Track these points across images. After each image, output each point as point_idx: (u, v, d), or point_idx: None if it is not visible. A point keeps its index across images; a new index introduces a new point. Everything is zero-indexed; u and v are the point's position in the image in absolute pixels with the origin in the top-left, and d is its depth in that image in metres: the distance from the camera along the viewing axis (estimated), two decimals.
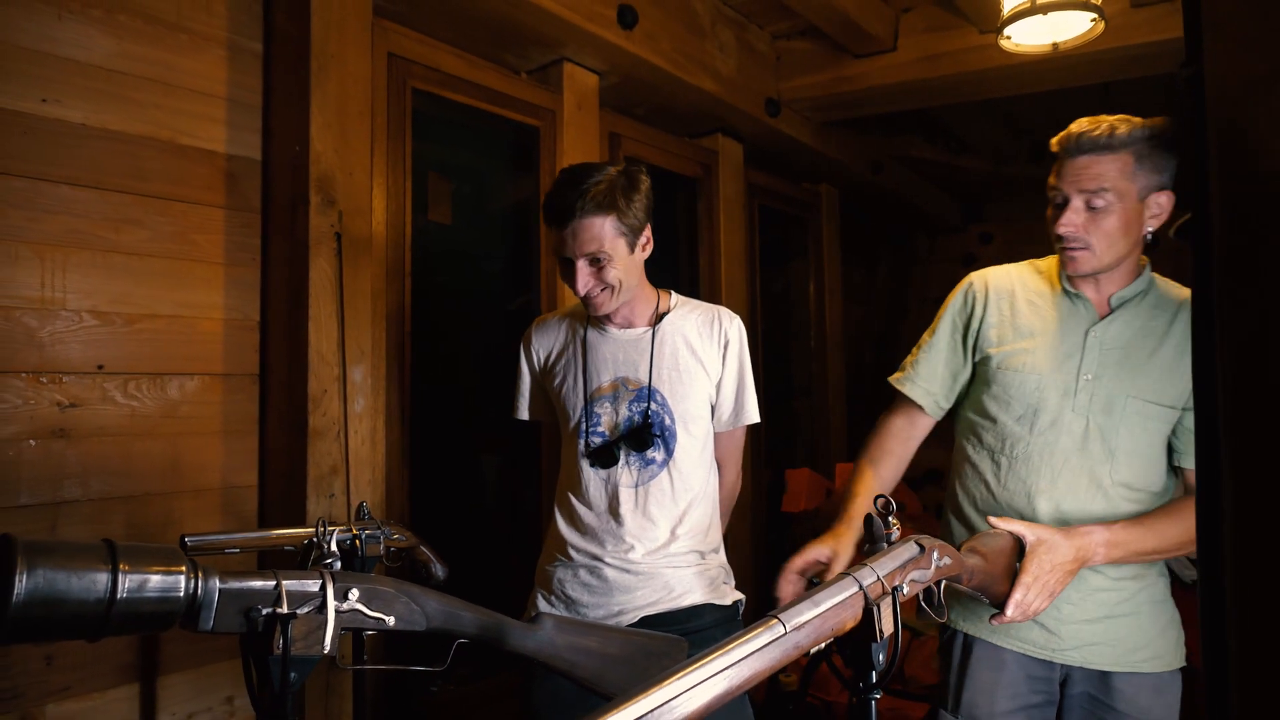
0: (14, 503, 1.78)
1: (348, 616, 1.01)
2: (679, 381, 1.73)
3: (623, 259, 1.65)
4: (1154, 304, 1.55)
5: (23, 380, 1.81)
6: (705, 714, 0.73)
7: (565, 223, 1.61)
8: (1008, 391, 1.57)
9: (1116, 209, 1.43)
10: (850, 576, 1.00)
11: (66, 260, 1.87)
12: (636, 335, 1.76)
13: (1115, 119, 1.44)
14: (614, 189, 1.61)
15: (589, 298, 1.67)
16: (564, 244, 1.64)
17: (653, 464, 1.72)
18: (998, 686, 1.54)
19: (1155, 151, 1.43)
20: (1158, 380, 1.51)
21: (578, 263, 1.63)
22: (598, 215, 1.59)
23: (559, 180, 1.66)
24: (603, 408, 1.74)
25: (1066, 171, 1.45)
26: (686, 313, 1.79)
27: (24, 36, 1.81)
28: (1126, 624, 1.53)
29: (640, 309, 1.76)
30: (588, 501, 1.74)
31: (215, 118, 2.13)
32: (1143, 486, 1.53)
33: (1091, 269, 1.50)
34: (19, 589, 0.75)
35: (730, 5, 3.27)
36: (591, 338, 1.78)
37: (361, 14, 2.22)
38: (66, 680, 1.84)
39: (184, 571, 0.87)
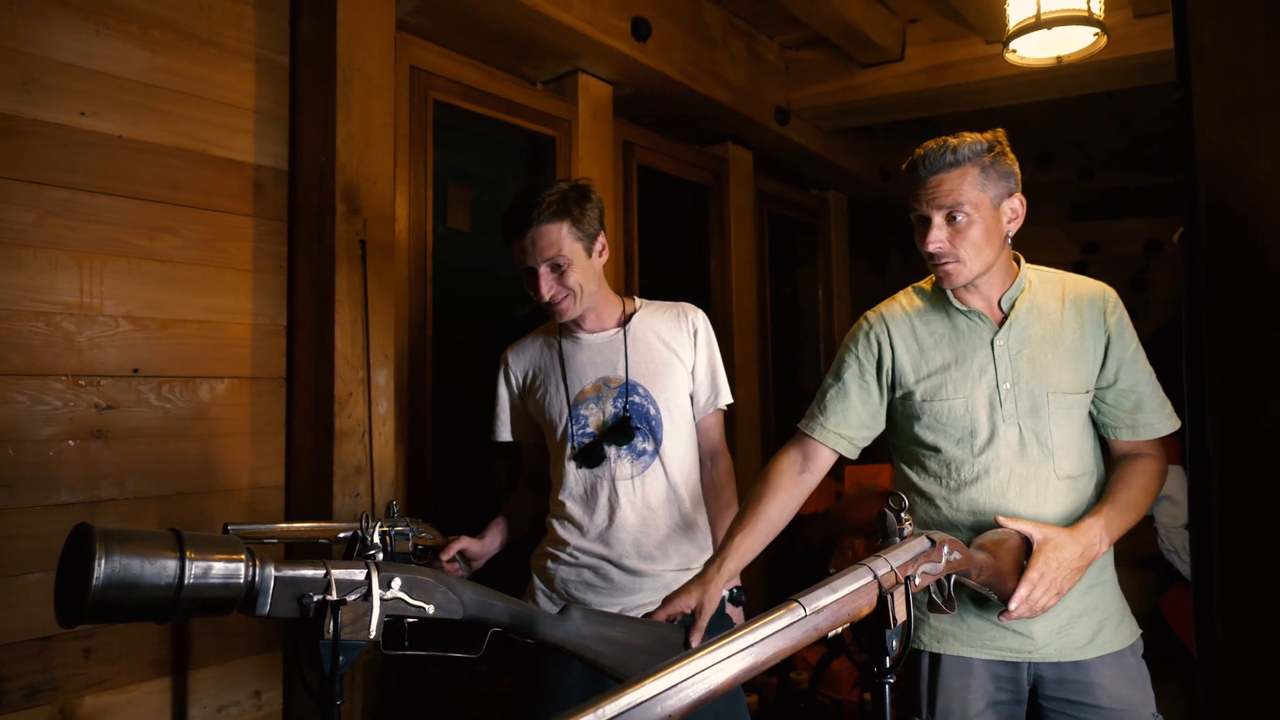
0: (55, 500, 1.85)
1: (391, 604, 1.07)
2: (658, 373, 1.80)
3: (581, 263, 1.73)
4: (1040, 296, 1.62)
5: (62, 383, 1.87)
6: (732, 686, 0.79)
7: (523, 232, 1.70)
8: (940, 420, 1.61)
9: (976, 219, 1.51)
10: (866, 566, 1.05)
11: (103, 267, 1.94)
12: (610, 336, 1.83)
13: (953, 138, 1.52)
14: (566, 199, 1.71)
15: (553, 303, 1.74)
16: (525, 253, 1.72)
17: (644, 454, 1.79)
18: (969, 690, 1.58)
19: (996, 161, 1.52)
20: (1068, 369, 1.57)
21: (539, 269, 1.71)
22: (553, 222, 1.69)
23: (514, 199, 1.76)
24: (588, 409, 1.80)
25: (921, 193, 1.53)
26: (652, 311, 1.88)
27: (63, 52, 1.89)
28: (1087, 602, 1.57)
29: (607, 312, 1.85)
30: (587, 504, 1.79)
31: (244, 129, 2.20)
32: (1081, 472, 1.58)
33: (966, 279, 1.56)
34: (98, 573, 0.81)
35: (741, 17, 3.34)
36: (567, 347, 1.85)
37: (385, 28, 2.29)
38: (103, 673, 1.90)
39: (243, 559, 0.93)
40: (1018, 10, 1.94)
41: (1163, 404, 1.59)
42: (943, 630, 1.61)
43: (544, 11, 2.49)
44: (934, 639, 1.62)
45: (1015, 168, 1.56)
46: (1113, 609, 1.60)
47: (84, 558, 0.82)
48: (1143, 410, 1.58)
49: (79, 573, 0.82)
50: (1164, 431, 1.59)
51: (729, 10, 3.28)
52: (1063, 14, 1.84)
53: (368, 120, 2.23)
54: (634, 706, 0.70)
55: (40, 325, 1.84)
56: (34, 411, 1.83)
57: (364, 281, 2.20)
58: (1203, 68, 0.69)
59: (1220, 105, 0.68)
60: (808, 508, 3.85)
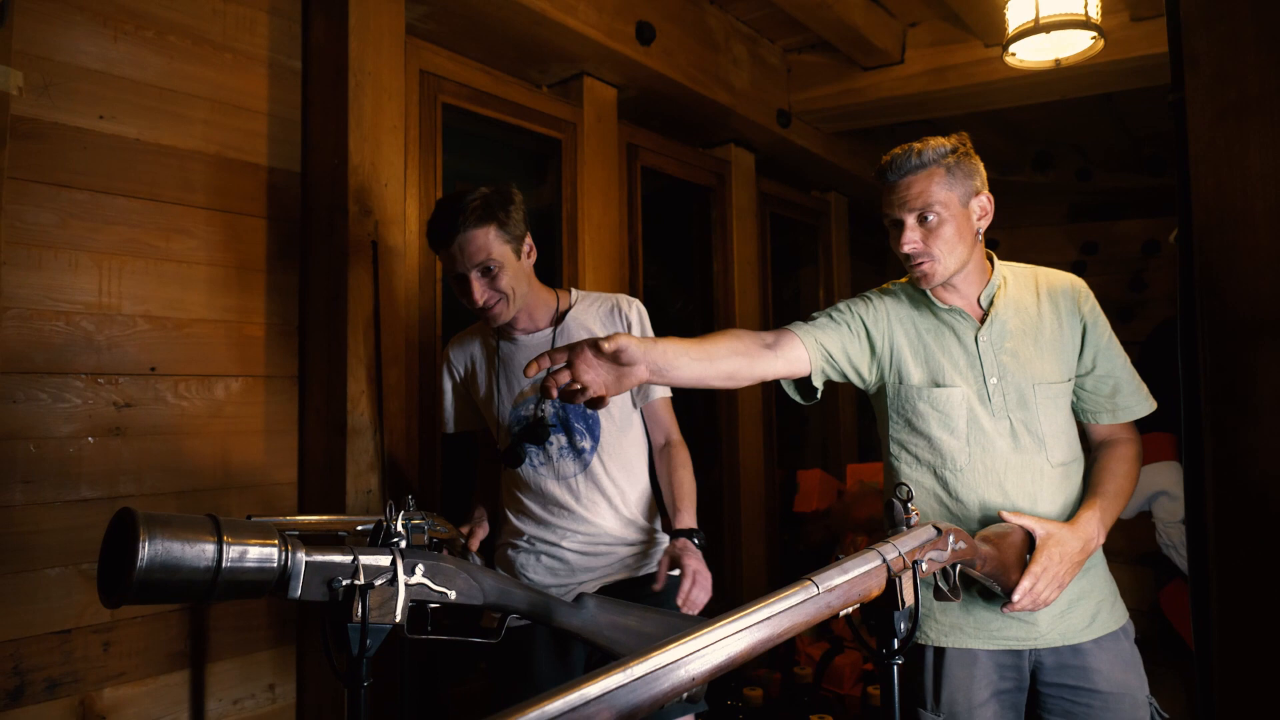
0: (75, 496, 1.89)
1: (415, 589, 1.11)
2: None
3: (511, 266, 1.73)
4: (1016, 291, 1.67)
5: (82, 381, 1.91)
6: (749, 656, 0.83)
7: (451, 239, 1.69)
8: (939, 409, 1.64)
9: (947, 218, 1.56)
10: (875, 550, 1.09)
11: (122, 268, 1.98)
12: (545, 336, 1.85)
13: (918, 143, 1.58)
14: (490, 202, 1.71)
15: (486, 309, 1.74)
16: (454, 261, 1.71)
17: (584, 452, 1.82)
18: (973, 680, 1.62)
19: (961, 162, 1.57)
20: (1051, 360, 1.62)
21: (470, 275, 1.71)
22: (479, 227, 1.68)
23: (436, 207, 1.75)
24: (526, 410, 1.83)
25: (892, 197, 1.58)
26: (587, 306, 1.88)
27: (83, 57, 1.93)
28: (1084, 585, 1.62)
29: (540, 312, 1.86)
30: (536, 496, 1.84)
31: (258, 132, 2.24)
32: (1071, 459, 1.64)
33: (943, 277, 1.61)
34: (143, 556, 0.84)
35: (743, 21, 3.38)
36: (504, 349, 1.87)
37: (395, 33, 2.33)
38: (123, 666, 1.94)
39: (277, 544, 0.97)
40: (1017, 14, 1.98)
41: (1139, 387, 1.65)
42: (949, 624, 1.65)
43: (551, 16, 2.53)
44: (940, 634, 1.66)
45: (980, 167, 1.61)
46: (1106, 591, 1.65)
47: (128, 541, 0.85)
48: (1120, 394, 1.63)
49: (123, 555, 0.86)
50: (1141, 413, 1.65)
51: (732, 14, 3.32)
52: (1061, 18, 1.88)
53: (379, 123, 2.27)
54: (661, 668, 0.74)
55: (61, 325, 1.88)
56: (55, 409, 1.87)
57: (375, 281, 2.23)
58: (1195, 73, 0.72)
59: (1212, 108, 0.72)
60: (809, 505, 3.90)
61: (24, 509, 1.81)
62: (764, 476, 3.88)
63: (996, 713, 1.61)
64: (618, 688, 0.72)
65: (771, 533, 3.93)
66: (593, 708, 0.69)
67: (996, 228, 5.93)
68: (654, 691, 0.75)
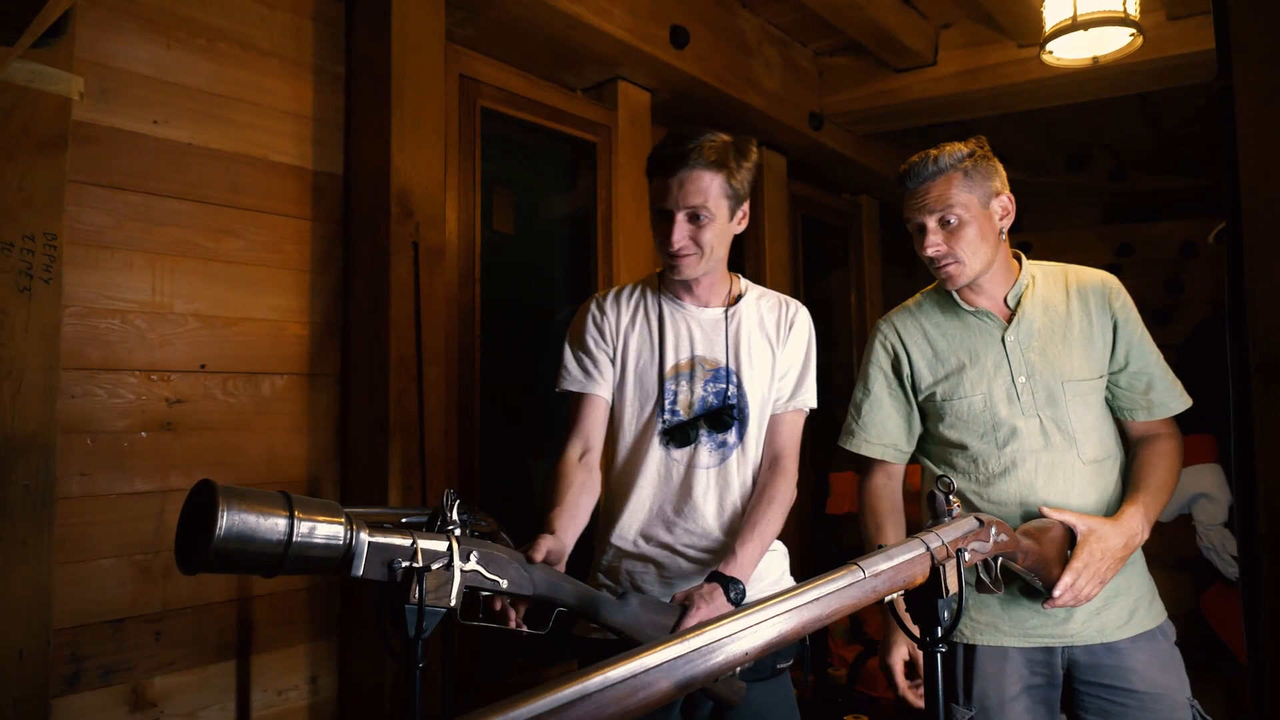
0: (129, 489, 1.95)
1: (469, 576, 1.14)
2: (752, 365, 1.69)
3: (722, 223, 1.59)
4: (1044, 290, 1.68)
5: (135, 377, 1.97)
6: (798, 634, 0.86)
7: (674, 170, 1.54)
8: (962, 418, 1.67)
9: (968, 219, 1.58)
10: (918, 539, 1.11)
11: (174, 268, 2.04)
12: (715, 315, 1.70)
13: (934, 149, 1.61)
14: (728, 149, 1.58)
15: (679, 254, 1.59)
16: (666, 193, 1.56)
17: (725, 445, 1.67)
18: (1004, 675, 1.62)
19: (978, 165, 1.60)
20: (1080, 357, 1.63)
21: (677, 215, 1.56)
22: (709, 170, 1.54)
23: (670, 134, 1.61)
24: (679, 385, 1.67)
25: (914, 203, 1.62)
26: (757, 297, 1.76)
27: (137, 64, 1.99)
28: (1121, 583, 1.61)
29: (718, 288, 1.72)
30: (660, 485, 1.67)
31: (303, 136, 2.30)
32: (1105, 456, 1.64)
33: (968, 278, 1.63)
34: (221, 525, 0.88)
35: (775, 24, 3.41)
36: (668, 312, 1.70)
37: (436, 39, 2.38)
38: (173, 655, 1.99)
39: (343, 523, 1.01)
40: (1054, 12, 1.98)
41: (1173, 383, 1.65)
42: (984, 622, 1.66)
43: (587, 21, 2.57)
44: (975, 631, 1.67)
45: (999, 169, 1.64)
46: (1145, 588, 1.65)
47: (208, 511, 0.89)
48: (1154, 390, 1.64)
49: (202, 525, 0.90)
50: (1177, 409, 1.65)
51: (763, 18, 3.35)
52: (1099, 15, 1.88)
53: (420, 127, 2.32)
54: (715, 641, 0.76)
55: (116, 322, 1.94)
56: (110, 404, 1.93)
57: (416, 281, 2.28)
58: (1244, 58, 0.74)
59: (1261, 92, 0.73)
60: (842, 507, 3.89)
61: (80, 500, 1.87)
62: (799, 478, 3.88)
63: (1028, 708, 1.61)
64: (675, 658, 0.74)
65: (804, 535, 3.93)
66: (652, 675, 0.71)
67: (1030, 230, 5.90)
68: (709, 664, 0.77)
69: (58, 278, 1.70)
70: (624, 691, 0.69)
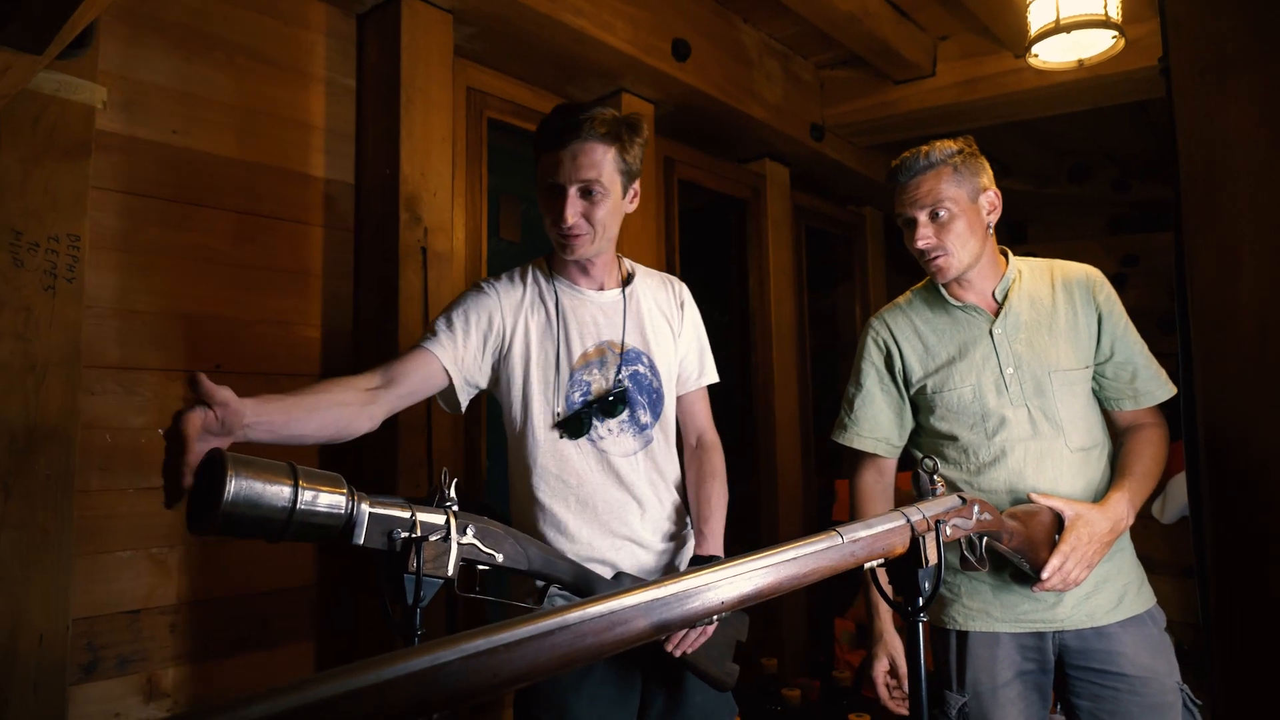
0: (145, 484, 2.01)
1: (466, 549, 1.19)
2: (657, 343, 1.66)
3: (615, 200, 1.55)
4: (1031, 284, 1.74)
5: (153, 376, 2.04)
6: (775, 591, 0.90)
7: (565, 142, 1.49)
8: (952, 409, 1.72)
9: (957, 213, 1.65)
10: (899, 511, 1.15)
11: (192, 271, 2.11)
12: (613, 296, 1.65)
13: (925, 145, 1.67)
14: (620, 124, 1.54)
15: (570, 233, 1.53)
16: (558, 167, 1.50)
17: (647, 428, 1.62)
18: (996, 661, 1.66)
19: (967, 161, 1.67)
20: (1066, 348, 1.68)
21: (569, 190, 1.51)
22: (601, 142, 1.50)
23: (558, 108, 1.56)
24: (590, 375, 1.59)
25: (904, 197, 1.68)
26: (644, 275, 1.74)
27: (160, 77, 2.08)
28: (1110, 568, 1.65)
29: (611, 269, 1.68)
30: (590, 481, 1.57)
31: (316, 146, 2.38)
32: (1092, 445, 1.68)
33: (958, 271, 1.69)
34: (229, 489, 0.94)
35: (776, 38, 3.48)
36: (565, 301, 1.61)
37: (444, 52, 2.46)
38: (187, 647, 2.05)
39: (345, 493, 1.06)
40: (1038, 16, 2.04)
41: (1158, 372, 1.70)
42: (975, 609, 1.69)
43: (590, 34, 2.65)
44: (967, 618, 1.70)
45: (986, 166, 1.70)
46: (1133, 574, 1.69)
47: (217, 476, 0.95)
48: (1139, 379, 1.68)
49: (211, 491, 0.95)
50: (1162, 397, 1.69)
51: (764, 32, 3.42)
52: (1081, 18, 1.94)
53: (428, 136, 2.40)
54: (693, 589, 0.81)
55: (136, 323, 2.01)
56: (129, 401, 2.00)
57: (424, 285, 2.35)
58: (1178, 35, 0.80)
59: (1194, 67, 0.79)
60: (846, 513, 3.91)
61: (100, 494, 1.94)
62: (802, 485, 3.91)
63: (1020, 693, 1.64)
64: (654, 600, 0.79)
65: None
66: (629, 613, 0.76)
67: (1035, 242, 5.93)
68: (686, 608, 0.82)
69: (80, 277, 1.78)
70: (601, 625, 0.74)
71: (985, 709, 1.64)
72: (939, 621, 1.73)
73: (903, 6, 3.23)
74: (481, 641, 0.67)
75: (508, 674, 0.67)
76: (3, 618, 1.62)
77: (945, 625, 1.73)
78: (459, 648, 0.65)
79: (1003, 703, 1.64)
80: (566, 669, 0.72)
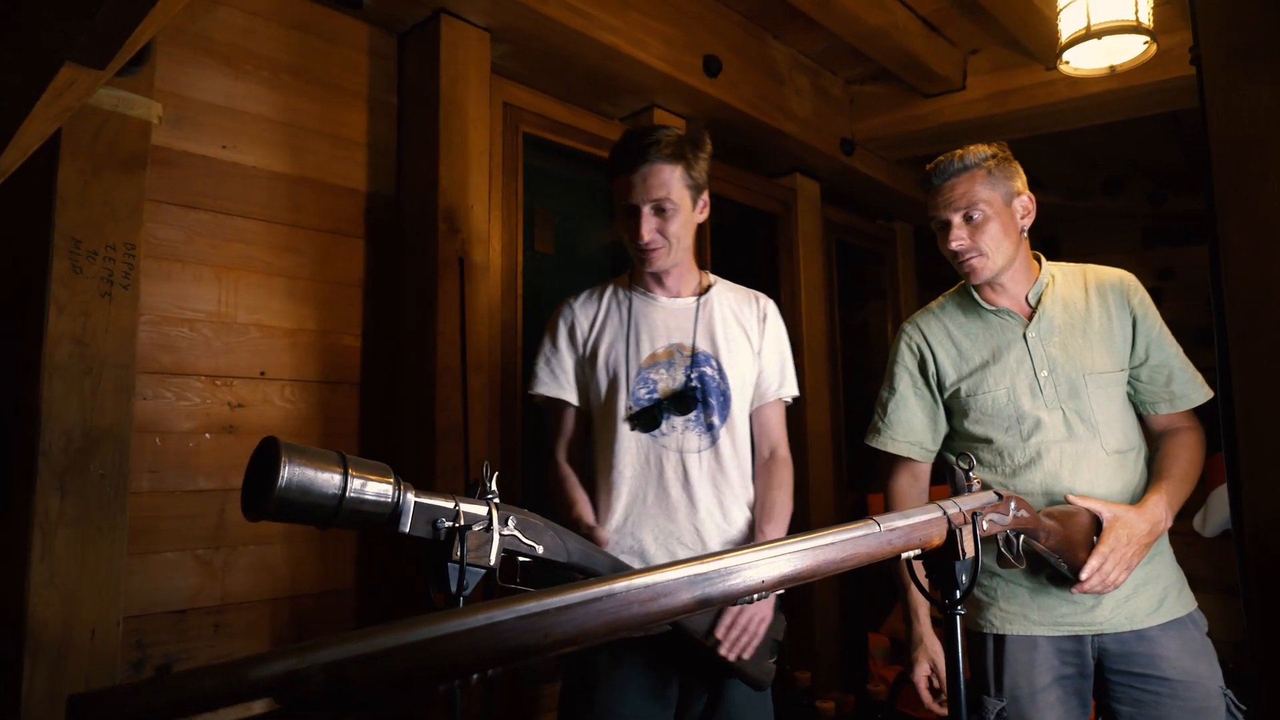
0: (193, 487, 2.07)
1: (507, 539, 1.22)
2: (728, 350, 1.74)
3: (685, 213, 1.68)
4: (1064, 288, 1.73)
5: (201, 382, 2.11)
6: (813, 574, 0.91)
7: (636, 167, 1.63)
8: (987, 412, 1.72)
9: (991, 215, 1.66)
10: (936, 504, 1.16)
11: (239, 281, 2.18)
12: (687, 303, 1.76)
13: (959, 150, 1.69)
14: (684, 143, 1.67)
15: (648, 247, 1.66)
16: (631, 189, 1.64)
17: (713, 428, 1.71)
18: (1034, 665, 1.64)
19: (1001, 165, 1.68)
20: (1100, 351, 1.67)
21: (643, 209, 1.64)
22: (668, 164, 1.63)
23: (626, 134, 1.71)
24: (658, 374, 1.71)
25: (939, 199, 1.69)
26: (726, 289, 1.83)
27: (209, 94, 2.16)
28: (1149, 571, 1.63)
29: (688, 279, 1.78)
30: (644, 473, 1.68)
31: (358, 161, 2.45)
32: (1128, 448, 1.67)
33: (991, 273, 1.69)
34: (283, 476, 0.97)
35: (805, 54, 3.52)
36: (638, 305, 1.76)
37: (481, 69, 2.53)
38: (231, 647, 2.09)
39: (392, 482, 1.09)
40: (1069, 23, 2.06)
41: (1194, 375, 1.69)
42: (1013, 612, 1.68)
43: (624, 51, 2.70)
44: (1004, 621, 1.69)
45: (1019, 170, 1.72)
46: (1173, 577, 1.67)
47: (271, 463, 0.99)
48: (1175, 381, 1.68)
49: (266, 477, 0.99)
50: (1198, 400, 1.68)
51: (794, 48, 3.47)
52: (1112, 24, 1.96)
53: (466, 151, 2.46)
54: (734, 567, 0.83)
55: (185, 330, 2.08)
56: (178, 406, 2.06)
57: (462, 295, 2.40)
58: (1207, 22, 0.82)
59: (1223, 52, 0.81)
60: None
61: (149, 496, 2.00)
62: (834, 500, 3.90)
63: (1060, 698, 1.62)
64: (696, 575, 0.81)
65: None
66: (672, 585, 0.78)
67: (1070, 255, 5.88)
68: (727, 584, 0.84)
69: (135, 285, 1.85)
70: (646, 595, 0.76)
71: (1024, 714, 1.62)
72: (975, 625, 1.72)
73: (932, 21, 3.26)
74: (534, 604, 0.69)
75: (558, 635, 0.70)
76: (57, 610, 1.67)
77: (982, 629, 1.72)
78: (513, 609, 0.68)
79: (1041, 708, 1.62)
80: (613, 635, 0.74)
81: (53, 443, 1.70)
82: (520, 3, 2.39)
